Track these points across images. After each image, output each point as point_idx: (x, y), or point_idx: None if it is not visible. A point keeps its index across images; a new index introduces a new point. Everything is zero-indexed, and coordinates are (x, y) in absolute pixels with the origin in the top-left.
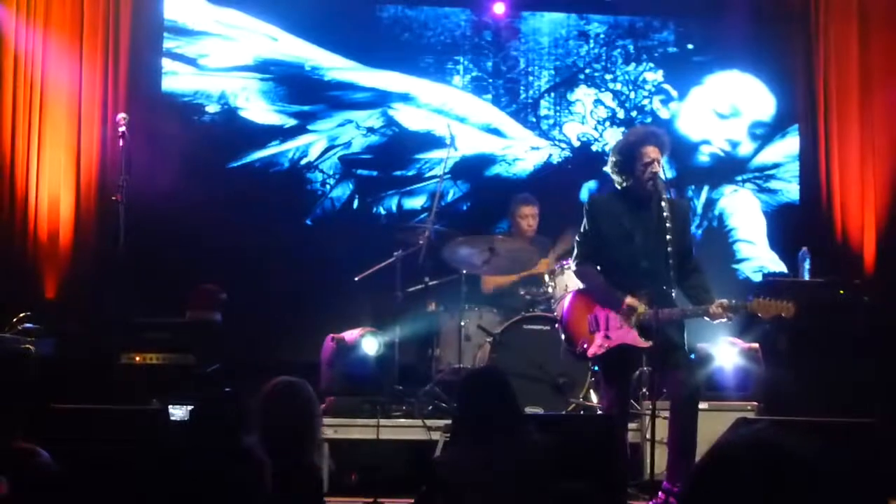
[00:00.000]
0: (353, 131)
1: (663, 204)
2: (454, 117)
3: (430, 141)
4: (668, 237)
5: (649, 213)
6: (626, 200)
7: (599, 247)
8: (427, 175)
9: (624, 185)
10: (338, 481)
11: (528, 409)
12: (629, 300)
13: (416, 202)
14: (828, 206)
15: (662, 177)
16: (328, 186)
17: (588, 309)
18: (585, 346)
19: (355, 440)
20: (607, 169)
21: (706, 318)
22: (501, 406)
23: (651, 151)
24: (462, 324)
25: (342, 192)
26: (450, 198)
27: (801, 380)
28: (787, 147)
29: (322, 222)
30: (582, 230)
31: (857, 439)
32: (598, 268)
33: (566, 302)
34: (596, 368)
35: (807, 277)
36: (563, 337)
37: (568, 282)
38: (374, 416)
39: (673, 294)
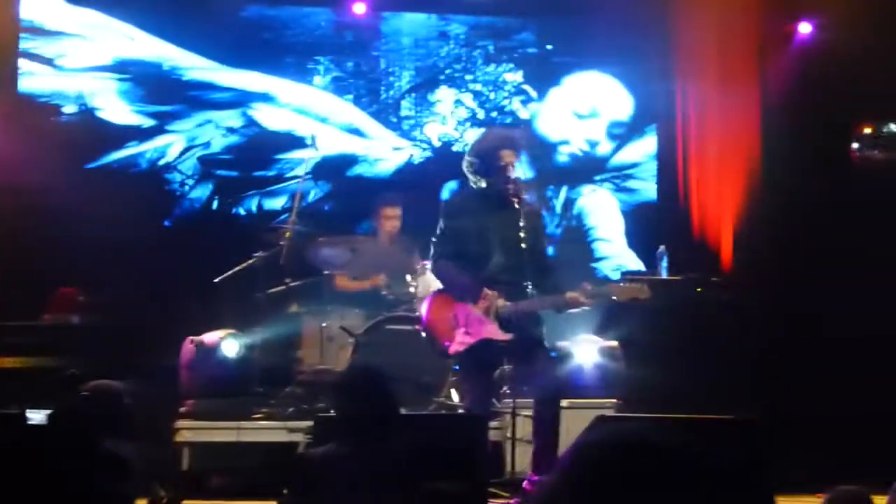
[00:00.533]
0: (213, 131)
1: (517, 205)
2: (315, 117)
3: (291, 141)
4: (522, 235)
5: (505, 213)
6: (482, 200)
7: (456, 245)
8: (288, 175)
9: (481, 185)
10: (199, 484)
11: None
12: (487, 290)
13: (276, 203)
14: (685, 205)
15: (520, 177)
16: (187, 187)
17: (448, 307)
18: (448, 344)
19: (216, 443)
20: (464, 168)
21: (565, 308)
22: (377, 406)
23: (507, 156)
24: (324, 325)
25: (201, 192)
26: (311, 198)
27: (661, 377)
28: (645, 147)
29: (181, 223)
30: (439, 230)
31: (719, 435)
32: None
33: (425, 304)
34: (457, 368)
35: (665, 275)
36: (425, 337)
37: (431, 281)
38: (236, 418)
39: (529, 289)
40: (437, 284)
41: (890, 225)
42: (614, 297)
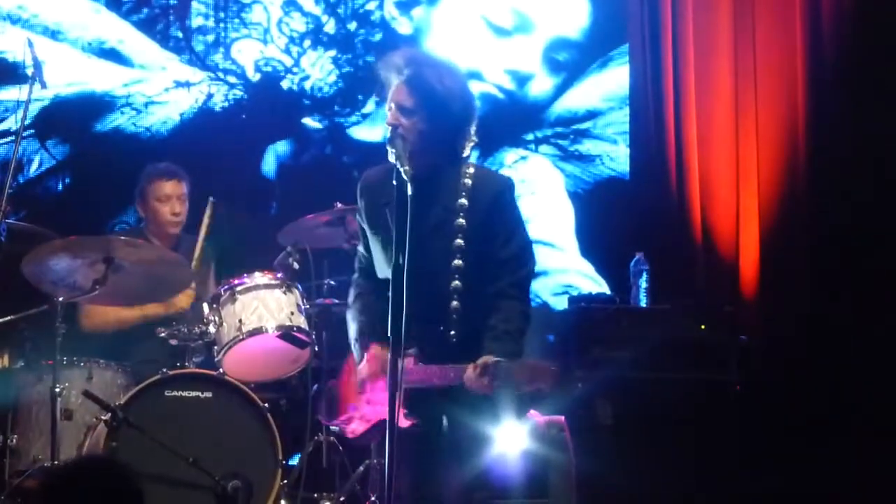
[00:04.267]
0: None
1: (464, 183)
2: (39, 30)
3: None
4: (457, 241)
5: (428, 207)
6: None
7: (370, 263)
8: None
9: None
10: None
11: None
12: (374, 351)
13: None
14: (678, 185)
15: (404, 133)
16: None
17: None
18: (348, 421)
19: None
20: None
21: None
22: None
23: (394, 91)
24: (58, 389)
25: None
26: (34, 171)
27: (634, 478)
28: (611, 83)
29: None
30: (361, 240)
31: None
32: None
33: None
34: (294, 462)
35: (643, 302)
36: (323, 400)
37: (243, 314)
38: None
39: (455, 339)
40: (256, 319)
41: None
42: (520, 385)
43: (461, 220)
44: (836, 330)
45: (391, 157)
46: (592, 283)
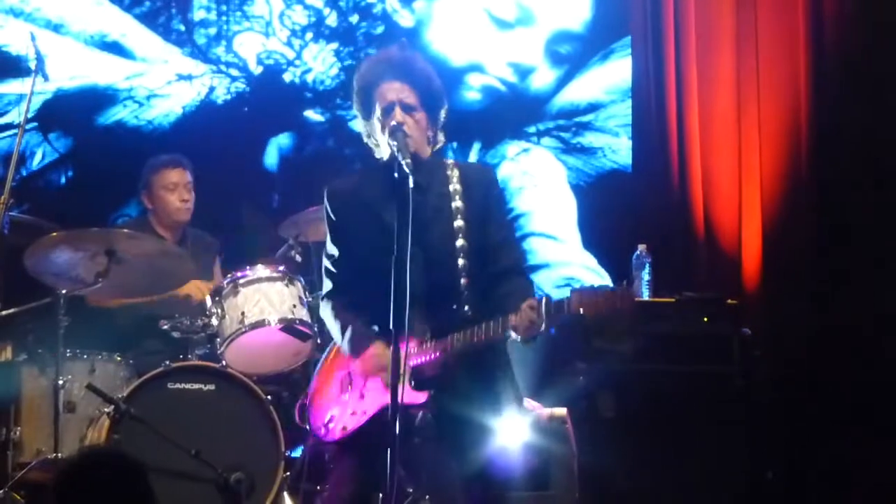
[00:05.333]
0: None
1: (451, 173)
2: (41, 23)
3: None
4: (456, 224)
5: (425, 195)
6: (382, 180)
7: (352, 265)
8: None
9: (376, 153)
10: None
11: None
12: (373, 350)
13: None
14: (681, 177)
15: (406, 129)
16: None
17: (343, 366)
18: (331, 422)
19: None
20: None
21: (512, 336)
22: None
23: (389, 90)
24: (61, 382)
25: None
26: (37, 164)
27: (637, 471)
28: (613, 76)
29: None
30: (326, 245)
31: None
32: (352, 299)
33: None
34: (296, 454)
35: (645, 295)
36: (297, 415)
37: (245, 306)
38: None
39: (469, 315)
40: (260, 312)
41: None
42: (584, 313)
43: (458, 203)
44: (838, 323)
45: (383, 152)
46: (595, 275)
